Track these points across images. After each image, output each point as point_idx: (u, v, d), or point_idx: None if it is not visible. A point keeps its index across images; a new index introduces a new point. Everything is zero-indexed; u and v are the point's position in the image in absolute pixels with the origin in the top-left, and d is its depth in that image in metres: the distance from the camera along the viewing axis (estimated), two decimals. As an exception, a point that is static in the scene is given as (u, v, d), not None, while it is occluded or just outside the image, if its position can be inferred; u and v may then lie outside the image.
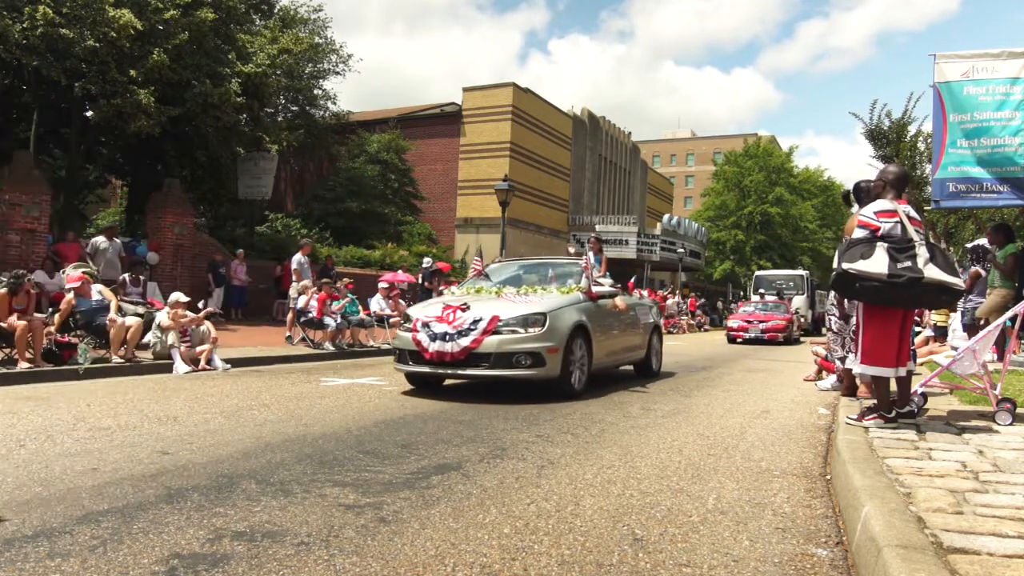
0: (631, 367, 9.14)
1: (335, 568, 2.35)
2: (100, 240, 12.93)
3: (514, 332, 6.43)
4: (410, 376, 7.24)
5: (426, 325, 6.64)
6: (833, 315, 6.72)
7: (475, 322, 6.44)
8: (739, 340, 20.56)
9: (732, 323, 21.93)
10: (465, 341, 6.36)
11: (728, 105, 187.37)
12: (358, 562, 2.40)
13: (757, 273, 34.20)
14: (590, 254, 9.94)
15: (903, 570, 1.99)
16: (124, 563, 2.34)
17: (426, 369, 6.67)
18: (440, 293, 11.94)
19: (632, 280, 9.97)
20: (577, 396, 6.70)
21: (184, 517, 2.82)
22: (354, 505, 3.04)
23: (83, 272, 9.06)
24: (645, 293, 9.25)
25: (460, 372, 6.54)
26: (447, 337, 6.44)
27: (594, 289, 7.58)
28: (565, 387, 6.68)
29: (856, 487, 2.92)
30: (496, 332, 6.39)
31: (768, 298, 26.26)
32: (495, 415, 5.56)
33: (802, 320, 26.19)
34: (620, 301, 8.05)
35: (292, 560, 2.40)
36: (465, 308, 6.65)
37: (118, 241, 13.46)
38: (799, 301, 27.66)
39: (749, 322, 21.17)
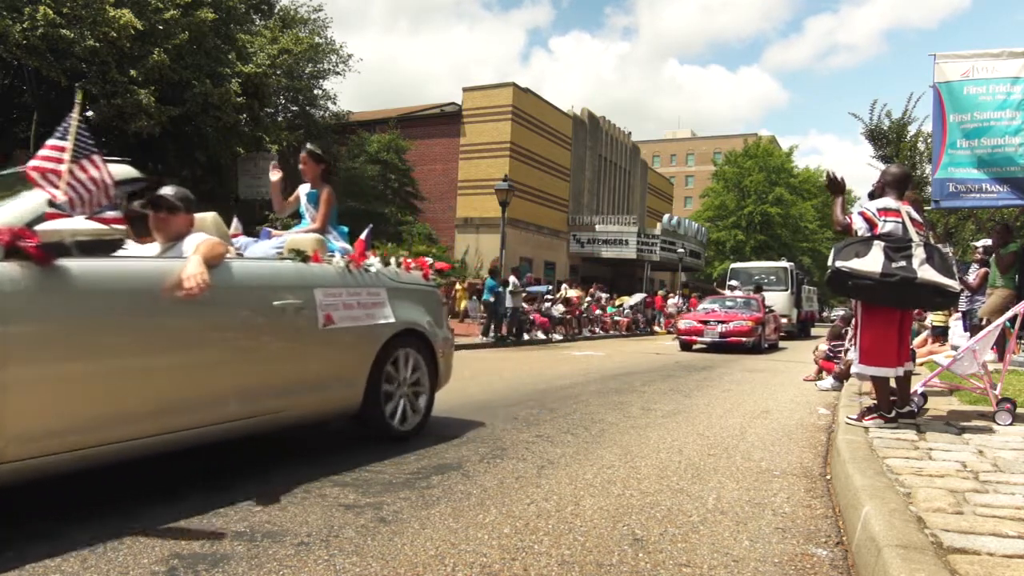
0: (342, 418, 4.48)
1: (335, 568, 2.35)
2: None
3: None
4: None
5: None
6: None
7: None
8: (695, 347, 15.22)
9: (683, 324, 15.75)
10: None
11: (732, 103, 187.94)
12: (358, 562, 2.40)
13: (732, 265, 28.50)
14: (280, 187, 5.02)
15: (903, 570, 1.99)
16: (124, 563, 2.34)
17: None
18: None
19: (364, 235, 4.55)
20: None
21: (184, 517, 2.82)
22: (354, 505, 3.04)
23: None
24: (399, 266, 4.69)
25: None
26: None
27: (39, 227, 2.68)
28: None
29: (856, 487, 2.92)
30: None
31: (737, 293, 19.95)
32: (495, 415, 5.56)
33: (784, 321, 21.12)
34: (196, 275, 3.00)
35: (292, 560, 2.40)
36: None
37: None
38: (781, 298, 23.00)
39: (705, 323, 15.12)
